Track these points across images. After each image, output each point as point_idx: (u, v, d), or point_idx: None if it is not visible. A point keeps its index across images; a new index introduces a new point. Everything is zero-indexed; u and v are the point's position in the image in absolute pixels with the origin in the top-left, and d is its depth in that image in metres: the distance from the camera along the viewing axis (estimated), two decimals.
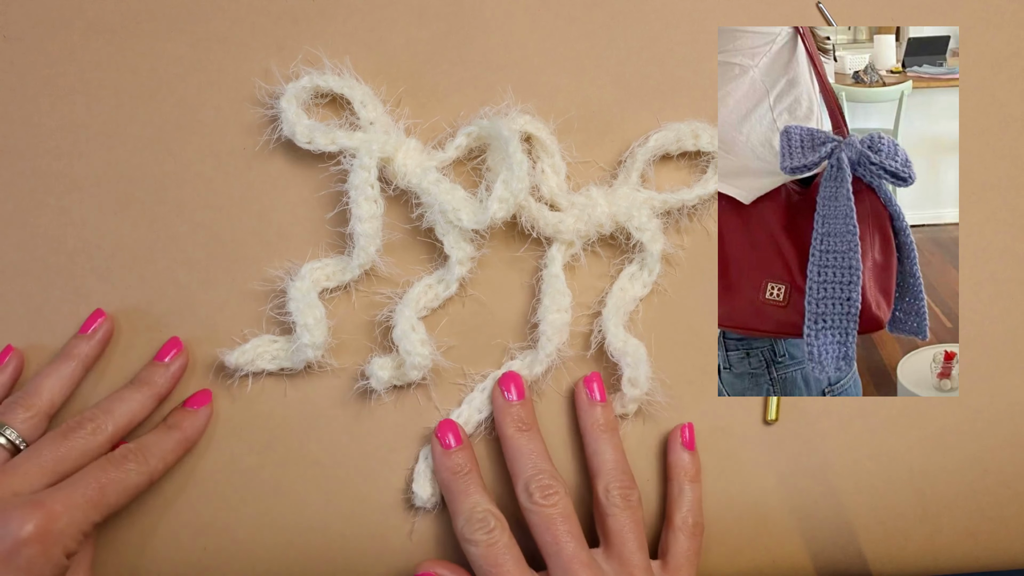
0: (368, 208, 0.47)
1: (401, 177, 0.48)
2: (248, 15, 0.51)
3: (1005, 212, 0.51)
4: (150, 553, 0.48)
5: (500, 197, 0.46)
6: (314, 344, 0.47)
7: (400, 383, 0.48)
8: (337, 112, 0.50)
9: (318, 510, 0.49)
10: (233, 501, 0.48)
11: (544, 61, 0.51)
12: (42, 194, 0.50)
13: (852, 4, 0.52)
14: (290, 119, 0.48)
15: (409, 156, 0.48)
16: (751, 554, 0.48)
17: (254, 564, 0.48)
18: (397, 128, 0.49)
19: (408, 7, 0.51)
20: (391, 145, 0.47)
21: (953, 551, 0.49)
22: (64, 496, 0.41)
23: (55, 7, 0.51)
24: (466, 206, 0.47)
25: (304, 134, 0.48)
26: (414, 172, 0.48)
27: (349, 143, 0.48)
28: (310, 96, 0.49)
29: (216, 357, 0.48)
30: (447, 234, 0.48)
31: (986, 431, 0.49)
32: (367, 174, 0.47)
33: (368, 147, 0.47)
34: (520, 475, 0.45)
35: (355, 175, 0.47)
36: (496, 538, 0.44)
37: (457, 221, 0.47)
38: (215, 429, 0.49)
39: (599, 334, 0.48)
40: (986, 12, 0.52)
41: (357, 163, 0.47)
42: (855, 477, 0.49)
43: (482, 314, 0.50)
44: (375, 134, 0.48)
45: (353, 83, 0.49)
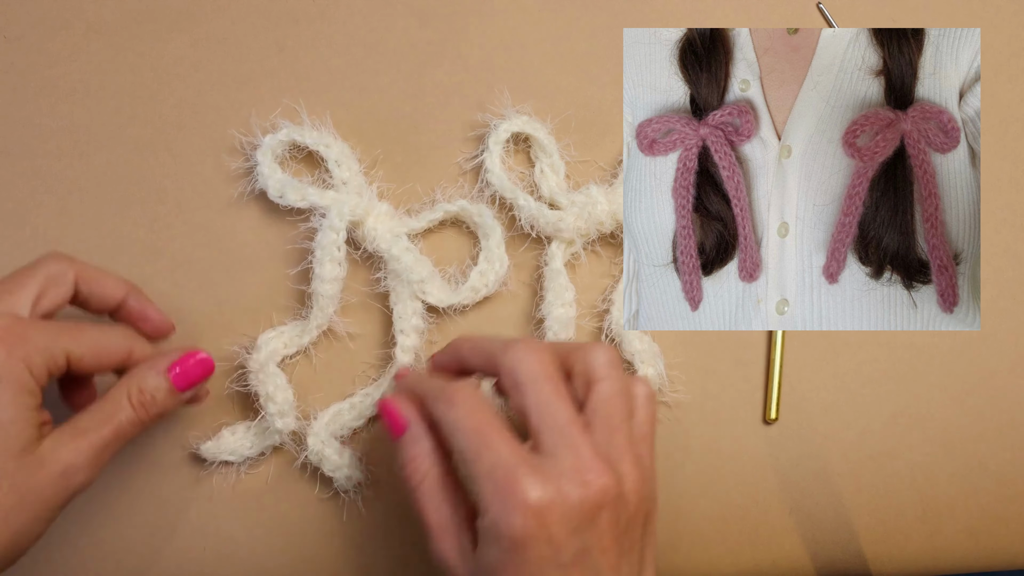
0: (331, 270, 0.46)
1: (370, 241, 0.47)
2: (248, 15, 0.51)
3: (1006, 212, 0.51)
4: (150, 553, 0.48)
5: (473, 287, 0.47)
6: (281, 413, 0.46)
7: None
8: (312, 167, 0.49)
9: (318, 510, 0.48)
10: (233, 501, 0.48)
11: (543, 61, 0.51)
12: (42, 194, 0.50)
13: (852, 4, 0.52)
14: (264, 172, 0.47)
15: (380, 221, 0.47)
16: (751, 554, 0.48)
17: (254, 564, 0.48)
18: (370, 191, 0.48)
19: (406, 7, 0.52)
20: (362, 208, 0.47)
21: (953, 551, 0.49)
22: (38, 320, 0.40)
23: (55, 7, 0.51)
24: (433, 281, 0.47)
25: (276, 188, 0.47)
26: (384, 237, 0.47)
27: (320, 201, 0.47)
28: (286, 149, 0.49)
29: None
30: (398, 303, 0.47)
31: (986, 431, 0.49)
32: (335, 235, 0.46)
33: (339, 208, 0.46)
34: (494, 344, 0.40)
35: (323, 235, 0.46)
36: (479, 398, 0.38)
37: (422, 295, 0.47)
38: (215, 429, 0.49)
39: (609, 331, 0.48)
40: (986, 12, 0.52)
41: (326, 223, 0.46)
42: (855, 477, 0.49)
43: (483, 317, 0.50)
44: (347, 195, 0.47)
45: (330, 140, 0.48)
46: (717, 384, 0.50)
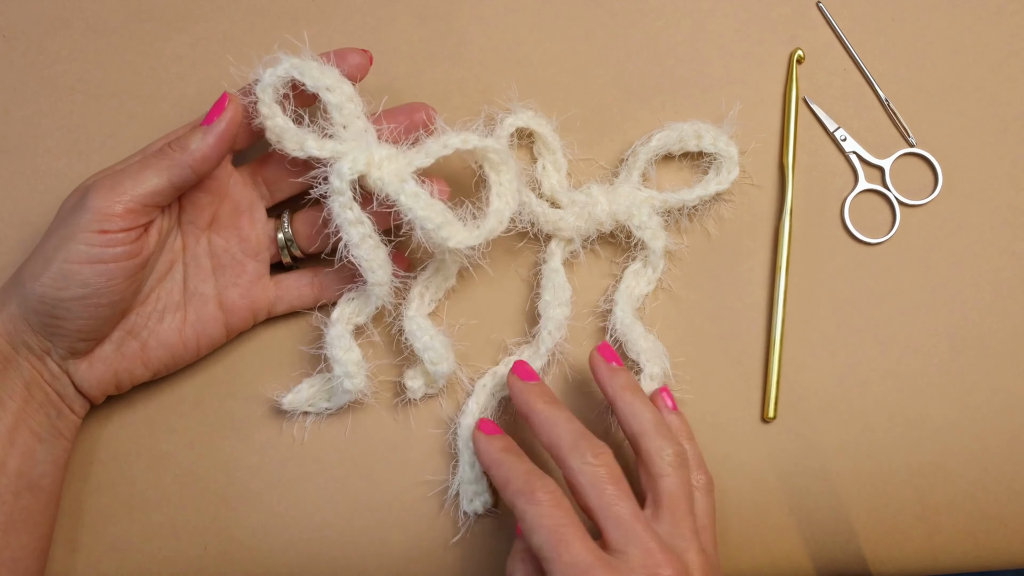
0: (357, 232, 0.44)
1: (379, 191, 0.44)
2: (248, 15, 0.51)
3: (1007, 212, 0.51)
4: (151, 553, 0.48)
5: (491, 228, 0.45)
6: (356, 389, 0.47)
7: (429, 391, 0.49)
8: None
9: (318, 510, 0.49)
10: (233, 501, 0.48)
11: (545, 60, 0.51)
12: (42, 194, 0.50)
13: (852, 4, 0.52)
14: (264, 112, 0.44)
15: (383, 167, 0.44)
16: (751, 553, 0.48)
17: (254, 564, 0.48)
18: (369, 133, 0.45)
19: (406, 7, 0.51)
20: (363, 160, 0.43)
21: (953, 550, 0.49)
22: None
23: (55, 7, 0.51)
24: (452, 225, 0.44)
25: (274, 133, 0.44)
26: (391, 183, 0.44)
27: (318, 153, 0.44)
28: (286, 87, 0.44)
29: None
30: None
31: (986, 431, 0.49)
32: (343, 198, 0.43)
33: (339, 170, 0.43)
34: (562, 441, 0.42)
35: (332, 202, 0.44)
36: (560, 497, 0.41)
37: (442, 241, 0.44)
38: (215, 429, 0.49)
39: (613, 330, 0.48)
40: (986, 12, 0.52)
41: (331, 188, 0.44)
42: (854, 476, 0.49)
43: (478, 311, 0.50)
44: (345, 144, 0.44)
45: (331, 82, 0.44)
46: (716, 383, 0.50)
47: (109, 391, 0.46)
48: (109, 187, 0.42)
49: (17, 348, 0.43)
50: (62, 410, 0.45)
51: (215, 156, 0.43)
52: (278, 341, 0.49)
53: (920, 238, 0.51)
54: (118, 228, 0.41)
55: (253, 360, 0.49)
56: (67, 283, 0.41)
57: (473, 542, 0.48)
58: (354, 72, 0.45)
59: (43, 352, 0.43)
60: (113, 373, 0.45)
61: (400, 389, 0.49)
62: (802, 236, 0.50)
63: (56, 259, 0.41)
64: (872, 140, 0.51)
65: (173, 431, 0.49)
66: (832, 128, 0.51)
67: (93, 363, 0.44)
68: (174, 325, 0.46)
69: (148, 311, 0.46)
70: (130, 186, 0.42)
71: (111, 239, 0.41)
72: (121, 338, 0.45)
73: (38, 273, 0.42)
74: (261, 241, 0.47)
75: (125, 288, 0.43)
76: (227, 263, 0.47)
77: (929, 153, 0.51)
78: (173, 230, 0.46)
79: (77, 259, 0.41)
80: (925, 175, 0.51)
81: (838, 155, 0.51)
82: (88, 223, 0.41)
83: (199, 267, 0.46)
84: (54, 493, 0.45)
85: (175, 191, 0.43)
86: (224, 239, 0.47)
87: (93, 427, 0.49)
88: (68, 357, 0.44)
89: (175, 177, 0.42)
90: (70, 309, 0.42)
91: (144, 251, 0.43)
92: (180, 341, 0.46)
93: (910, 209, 0.51)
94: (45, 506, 0.44)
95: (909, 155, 0.51)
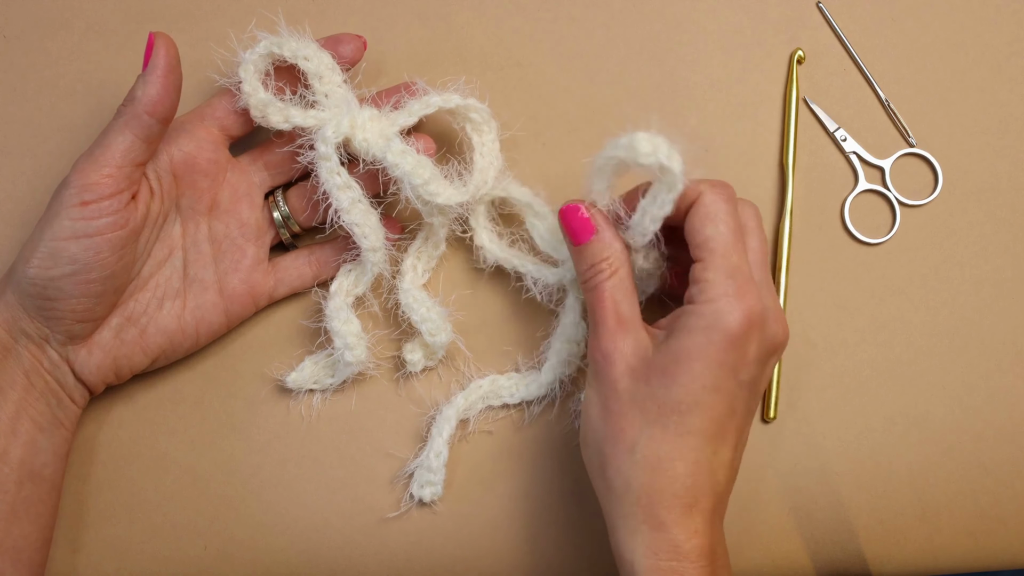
0: (346, 198, 0.45)
1: (365, 153, 0.44)
2: (248, 16, 0.51)
3: (1006, 211, 0.51)
4: (151, 553, 0.48)
5: (476, 185, 0.45)
6: (357, 360, 0.47)
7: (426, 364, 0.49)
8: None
9: (318, 509, 0.49)
10: (233, 501, 0.48)
11: (545, 60, 0.51)
12: (42, 194, 0.50)
13: (852, 4, 0.52)
14: (246, 90, 0.45)
15: (367, 128, 0.44)
16: (751, 553, 0.49)
17: (254, 564, 0.48)
18: (350, 97, 0.45)
19: (406, 7, 0.52)
20: (346, 123, 0.44)
21: (953, 551, 0.49)
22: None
23: (55, 7, 0.51)
24: (439, 180, 0.44)
25: (258, 108, 0.45)
26: (376, 144, 0.44)
27: (303, 122, 0.45)
28: (269, 64, 0.46)
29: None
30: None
31: (986, 431, 0.49)
32: (329, 163, 0.44)
33: (323, 135, 0.44)
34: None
35: (319, 168, 0.44)
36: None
37: (430, 197, 0.44)
38: (215, 429, 0.49)
39: None
40: (986, 12, 0.52)
41: (317, 155, 0.44)
42: (854, 477, 0.49)
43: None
44: (328, 111, 0.45)
45: (310, 52, 0.45)
46: None
47: (109, 379, 0.46)
48: (85, 160, 0.42)
49: (16, 337, 0.43)
50: (62, 399, 0.45)
51: (165, 95, 0.43)
52: (278, 334, 0.50)
53: (920, 238, 0.51)
54: (99, 196, 0.41)
55: (253, 360, 0.49)
56: (55, 262, 0.41)
57: (473, 542, 0.48)
58: (349, 56, 0.46)
59: (42, 340, 0.43)
60: (112, 360, 0.45)
61: (400, 364, 0.49)
62: (802, 236, 0.50)
63: (44, 239, 0.42)
64: (872, 140, 0.51)
65: (173, 431, 0.49)
66: (832, 128, 0.51)
67: (92, 350, 0.45)
68: (173, 312, 0.46)
69: (147, 298, 0.46)
70: (100, 153, 0.42)
71: (94, 210, 0.41)
72: (120, 324, 0.45)
73: (28, 256, 0.42)
74: (261, 225, 0.48)
75: (114, 262, 0.43)
76: (227, 249, 0.47)
77: (929, 153, 0.51)
78: (170, 214, 0.46)
79: (63, 236, 0.41)
80: (925, 175, 0.51)
81: (838, 155, 0.51)
82: (70, 197, 0.41)
83: (199, 253, 0.47)
84: (56, 483, 0.45)
85: (145, 144, 0.43)
86: (224, 224, 0.47)
87: (93, 427, 0.49)
88: (67, 343, 0.44)
89: (137, 130, 0.42)
90: (61, 288, 0.42)
91: (131, 222, 0.43)
92: (179, 328, 0.46)
93: (910, 209, 0.51)
94: (47, 496, 0.44)
95: (909, 155, 0.51)
